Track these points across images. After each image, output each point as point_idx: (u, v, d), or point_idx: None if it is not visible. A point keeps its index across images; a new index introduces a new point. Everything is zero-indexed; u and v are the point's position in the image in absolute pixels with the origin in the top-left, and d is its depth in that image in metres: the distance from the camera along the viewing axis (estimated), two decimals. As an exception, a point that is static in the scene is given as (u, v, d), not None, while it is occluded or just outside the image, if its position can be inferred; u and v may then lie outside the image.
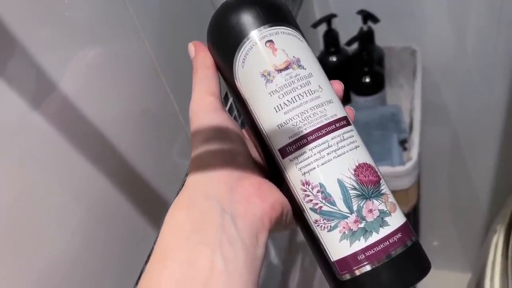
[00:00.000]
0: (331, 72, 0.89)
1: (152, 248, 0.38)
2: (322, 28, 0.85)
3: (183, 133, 0.44)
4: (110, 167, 0.33)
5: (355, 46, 0.85)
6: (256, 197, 0.25)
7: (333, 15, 0.83)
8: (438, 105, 1.03)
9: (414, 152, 0.76)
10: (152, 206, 0.39)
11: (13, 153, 0.26)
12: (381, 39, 0.86)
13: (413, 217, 0.89)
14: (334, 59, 0.86)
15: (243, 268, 0.22)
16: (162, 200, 0.40)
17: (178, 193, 0.42)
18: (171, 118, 0.42)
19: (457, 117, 1.06)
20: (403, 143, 0.83)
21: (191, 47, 0.29)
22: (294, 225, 0.29)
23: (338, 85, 0.29)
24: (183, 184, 0.43)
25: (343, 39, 0.86)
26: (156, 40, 0.39)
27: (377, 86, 0.84)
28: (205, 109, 0.27)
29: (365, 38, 0.83)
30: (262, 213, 0.25)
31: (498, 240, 0.85)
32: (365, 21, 0.81)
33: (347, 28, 0.85)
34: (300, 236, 0.80)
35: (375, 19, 0.80)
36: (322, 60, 0.88)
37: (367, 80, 0.84)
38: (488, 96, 0.99)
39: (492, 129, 1.05)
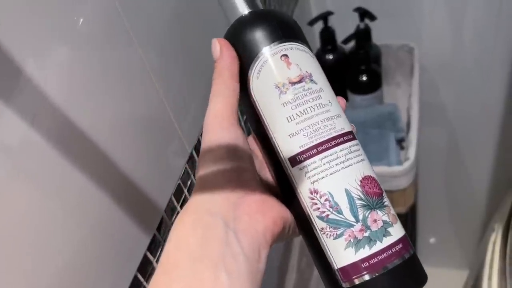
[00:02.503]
0: (327, 71, 0.89)
1: (145, 254, 0.38)
2: (319, 25, 0.84)
3: (176, 137, 0.43)
4: (104, 174, 0.33)
5: (351, 44, 0.84)
6: (258, 213, 0.26)
7: (330, 13, 0.83)
8: (435, 103, 1.03)
9: (411, 151, 0.76)
10: (145, 211, 0.38)
11: (15, 172, 0.26)
12: (378, 37, 0.86)
13: (410, 215, 0.89)
14: (330, 57, 0.86)
15: (246, 282, 0.23)
16: (155, 205, 0.40)
17: (171, 197, 0.42)
18: (165, 123, 0.42)
19: (455, 115, 1.05)
20: (401, 142, 0.82)
21: (216, 45, 0.28)
22: (295, 236, 0.30)
23: (342, 102, 0.31)
24: (176, 188, 0.43)
25: (340, 37, 0.85)
26: (149, 46, 0.39)
27: (374, 84, 0.84)
28: (221, 124, 0.27)
29: (362, 36, 0.82)
30: (264, 229, 0.25)
31: (496, 238, 0.85)
32: (362, 18, 0.81)
33: (344, 26, 0.84)
34: (297, 238, 0.79)
35: (372, 17, 0.79)
36: (319, 58, 0.86)
37: (364, 78, 0.83)
38: (486, 94, 0.98)
39: (490, 127, 1.05)
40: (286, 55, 0.28)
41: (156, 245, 0.40)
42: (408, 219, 0.89)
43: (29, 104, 0.27)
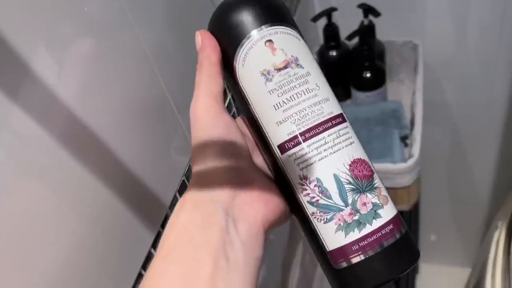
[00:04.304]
0: (331, 67, 0.88)
1: (149, 251, 0.37)
2: (322, 22, 0.84)
3: (180, 134, 0.43)
4: (107, 170, 0.33)
5: (355, 40, 0.84)
6: (257, 202, 0.26)
7: (334, 9, 0.82)
8: (439, 100, 1.02)
9: (416, 148, 0.75)
10: (149, 208, 0.38)
11: (18, 167, 0.26)
12: (382, 33, 0.85)
13: (413, 212, 0.88)
14: (334, 53, 0.85)
15: (244, 267, 0.24)
16: (160, 201, 0.40)
17: (175, 193, 0.42)
18: (169, 119, 0.42)
19: (458, 113, 1.05)
20: (404, 139, 0.81)
21: (198, 37, 0.29)
22: (288, 220, 0.30)
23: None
24: (181, 184, 0.42)
25: (344, 33, 0.85)
26: (152, 38, 0.39)
27: (378, 81, 0.83)
28: (208, 113, 0.27)
29: (366, 32, 0.81)
30: (263, 217, 0.26)
31: (499, 237, 0.85)
32: (366, 15, 0.80)
33: (348, 22, 0.84)
34: (300, 233, 0.79)
35: (376, 13, 0.79)
36: (322, 54, 0.86)
37: (368, 75, 0.83)
38: (489, 91, 0.98)
39: (493, 125, 1.04)
40: (270, 40, 0.28)
41: (160, 242, 0.40)
42: (411, 215, 0.88)
43: (30, 96, 0.26)
